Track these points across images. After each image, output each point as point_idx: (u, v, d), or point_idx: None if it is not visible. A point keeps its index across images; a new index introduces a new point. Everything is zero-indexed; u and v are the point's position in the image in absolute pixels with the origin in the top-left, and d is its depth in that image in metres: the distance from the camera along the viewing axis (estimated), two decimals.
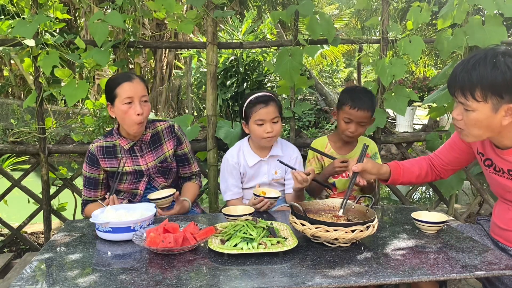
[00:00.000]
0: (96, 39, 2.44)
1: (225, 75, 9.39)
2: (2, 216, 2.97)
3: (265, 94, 2.09)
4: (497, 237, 1.69)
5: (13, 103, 10.31)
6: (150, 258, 1.38)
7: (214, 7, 2.65)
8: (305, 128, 10.28)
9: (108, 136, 2.07)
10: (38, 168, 2.84)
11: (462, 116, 1.47)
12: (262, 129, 2.03)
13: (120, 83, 1.93)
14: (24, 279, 1.23)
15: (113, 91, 1.95)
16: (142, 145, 2.07)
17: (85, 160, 2.06)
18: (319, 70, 17.00)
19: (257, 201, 1.89)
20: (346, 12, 16.92)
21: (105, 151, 2.03)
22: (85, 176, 2.07)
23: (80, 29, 10.93)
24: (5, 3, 2.69)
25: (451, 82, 1.47)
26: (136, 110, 1.91)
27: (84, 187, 2.09)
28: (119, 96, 1.93)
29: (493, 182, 1.68)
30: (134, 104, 1.92)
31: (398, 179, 1.82)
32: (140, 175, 2.06)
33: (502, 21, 2.61)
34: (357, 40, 2.92)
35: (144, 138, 2.06)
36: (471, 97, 1.41)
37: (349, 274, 1.24)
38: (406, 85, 15.18)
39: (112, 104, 1.97)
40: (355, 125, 2.10)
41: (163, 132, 2.12)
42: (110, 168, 2.03)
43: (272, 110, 2.03)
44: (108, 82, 2.01)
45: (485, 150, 1.65)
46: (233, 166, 2.12)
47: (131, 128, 1.96)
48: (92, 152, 2.03)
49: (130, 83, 1.94)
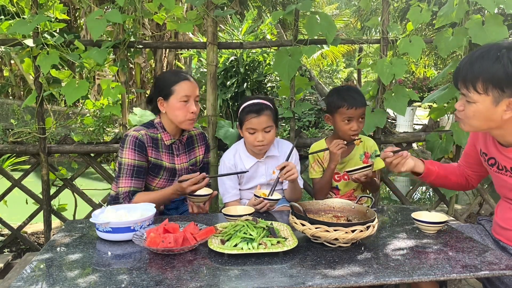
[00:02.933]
0: (93, 34, 2.44)
1: (225, 75, 9.39)
2: (2, 216, 2.97)
3: (259, 102, 2.06)
4: (499, 236, 1.69)
5: (13, 103, 10.31)
6: (150, 258, 1.38)
7: (214, 7, 2.65)
8: (305, 128, 10.28)
9: (150, 128, 2.05)
10: (38, 168, 2.84)
11: (464, 107, 1.50)
12: (253, 138, 2.03)
13: (178, 81, 1.99)
14: (24, 279, 1.23)
15: (169, 87, 1.99)
16: (180, 145, 2.12)
17: (130, 147, 1.94)
18: (319, 70, 17.00)
19: (257, 202, 1.89)
20: (346, 12, 16.92)
21: (152, 141, 2.02)
22: (132, 165, 1.94)
23: (80, 29, 10.94)
24: (5, 3, 2.69)
25: (456, 74, 1.51)
26: (191, 108, 1.99)
27: (131, 177, 1.94)
28: (177, 93, 1.98)
29: (497, 181, 1.69)
30: (190, 103, 2.00)
31: (432, 173, 1.82)
32: (173, 174, 2.09)
33: (502, 20, 2.61)
34: (357, 40, 2.92)
35: (182, 138, 2.12)
36: (472, 89, 1.44)
37: (349, 274, 1.24)
38: (406, 85, 15.18)
39: (165, 99, 2.00)
40: (356, 122, 2.13)
41: (196, 137, 2.22)
42: (154, 158, 2.02)
43: (265, 120, 2.02)
44: (164, 78, 2.06)
45: (488, 149, 1.66)
46: (230, 169, 2.12)
47: (182, 124, 2.01)
48: (141, 139, 1.96)
49: (189, 82, 2.01)
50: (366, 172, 2.01)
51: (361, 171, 2.01)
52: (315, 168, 2.27)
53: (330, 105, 2.18)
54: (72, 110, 3.90)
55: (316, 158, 2.28)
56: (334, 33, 2.65)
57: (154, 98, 2.06)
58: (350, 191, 2.28)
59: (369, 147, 2.29)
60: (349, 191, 2.28)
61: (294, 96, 2.84)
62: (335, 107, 2.14)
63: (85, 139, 2.88)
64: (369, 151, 2.28)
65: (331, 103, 2.16)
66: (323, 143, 2.30)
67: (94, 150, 2.83)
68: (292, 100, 2.84)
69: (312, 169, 2.28)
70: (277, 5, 12.75)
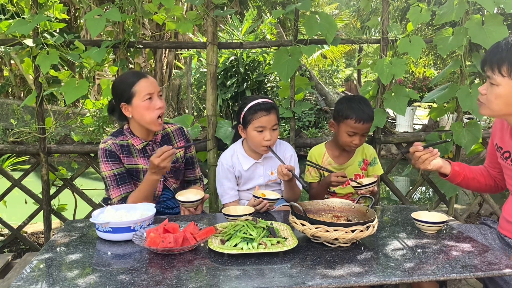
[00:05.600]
0: (91, 31, 2.43)
1: (225, 75, 9.39)
2: (2, 216, 2.97)
3: (267, 101, 2.06)
4: (504, 232, 1.71)
5: (13, 103, 10.30)
6: (150, 258, 1.38)
7: (214, 7, 2.65)
8: (305, 128, 10.28)
9: (119, 136, 2.04)
10: (38, 168, 2.84)
11: (487, 91, 1.55)
12: (262, 136, 2.01)
13: (136, 81, 1.95)
14: (24, 279, 1.23)
15: (129, 90, 1.95)
16: (154, 145, 2.08)
17: (103, 159, 1.96)
18: (319, 70, 17.00)
19: (256, 203, 1.89)
20: (346, 12, 16.92)
21: (121, 148, 2.01)
22: (112, 175, 1.96)
23: (80, 29, 10.93)
24: (5, 3, 2.69)
25: (484, 58, 1.56)
26: (157, 104, 1.96)
27: (119, 186, 1.96)
28: (139, 94, 1.94)
29: (510, 175, 1.69)
30: (154, 99, 1.96)
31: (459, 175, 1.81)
32: None
33: (502, 20, 2.61)
34: (357, 40, 2.92)
35: (156, 138, 2.09)
36: (497, 71, 1.50)
37: (349, 274, 1.24)
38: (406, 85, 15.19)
39: (128, 103, 1.96)
40: (359, 137, 2.10)
41: (173, 134, 2.16)
42: (128, 165, 2.00)
43: (273, 118, 2.03)
44: (119, 83, 2.00)
45: (504, 143, 1.68)
46: (228, 170, 2.11)
47: (152, 124, 1.97)
48: (109, 149, 1.97)
49: (147, 79, 1.97)
50: (371, 188, 2.01)
51: (367, 188, 1.99)
52: (311, 173, 2.26)
53: (337, 112, 2.13)
54: (72, 110, 3.90)
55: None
56: (334, 33, 2.65)
57: (116, 105, 2.02)
58: (347, 194, 2.27)
59: (368, 155, 2.28)
60: (346, 194, 2.27)
61: (294, 96, 2.84)
62: (342, 116, 2.10)
63: (85, 139, 2.89)
64: (368, 159, 2.28)
65: (339, 111, 2.12)
66: (322, 147, 2.29)
67: (94, 150, 2.83)
68: (292, 100, 2.84)
69: (308, 173, 2.27)
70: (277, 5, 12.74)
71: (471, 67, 2.79)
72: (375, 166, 2.29)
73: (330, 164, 2.24)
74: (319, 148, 2.29)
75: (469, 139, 2.75)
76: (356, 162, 2.25)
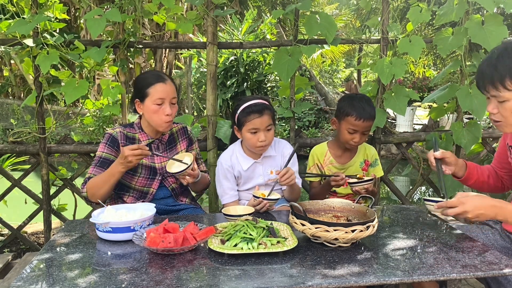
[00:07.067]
0: (92, 32, 2.44)
1: (225, 75, 9.40)
2: (2, 216, 2.97)
3: (260, 102, 2.05)
4: (508, 227, 1.72)
5: (13, 103, 10.31)
6: (150, 258, 1.38)
7: (214, 7, 2.65)
8: (305, 128, 10.28)
9: (128, 127, 2.10)
10: (38, 168, 2.84)
11: (498, 108, 1.52)
12: (256, 138, 2.01)
13: (153, 83, 1.98)
14: (24, 279, 1.23)
15: (144, 90, 1.98)
16: (159, 144, 2.12)
17: (103, 142, 2.03)
18: (319, 70, 16.99)
19: (256, 203, 1.89)
20: (346, 12, 16.92)
21: (127, 138, 2.05)
22: (99, 157, 2.00)
23: (80, 29, 10.94)
24: (5, 3, 2.69)
25: (480, 79, 1.52)
26: (166, 111, 1.98)
27: (95, 166, 1.98)
28: (151, 96, 1.97)
29: None
30: (165, 105, 1.98)
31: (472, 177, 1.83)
32: (154, 173, 2.08)
33: (502, 20, 2.61)
34: (357, 40, 2.92)
35: (162, 138, 2.12)
36: (502, 88, 1.46)
37: (349, 274, 1.24)
38: (406, 85, 15.19)
39: (141, 101, 2.01)
40: (360, 135, 2.11)
41: (177, 134, 2.20)
42: None
43: (266, 119, 2.02)
44: (140, 80, 2.05)
45: None
46: (227, 170, 2.11)
47: (159, 127, 2.02)
48: (114, 135, 2.03)
49: (164, 85, 1.99)
50: (367, 186, 2.01)
51: (362, 184, 2.00)
52: (313, 172, 2.26)
53: (339, 110, 2.16)
54: (72, 110, 3.90)
55: (316, 162, 2.27)
56: (334, 33, 2.65)
57: (133, 99, 2.07)
58: (348, 194, 2.27)
59: (370, 156, 2.28)
60: (346, 194, 2.27)
61: (294, 96, 2.84)
62: (343, 113, 2.12)
63: (85, 139, 2.88)
64: (369, 160, 2.28)
65: (341, 109, 2.15)
66: (324, 146, 2.29)
67: (94, 150, 2.82)
68: (292, 100, 2.84)
69: (310, 171, 2.27)
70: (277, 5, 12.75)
71: (471, 67, 2.79)
72: (376, 167, 2.29)
73: (331, 164, 2.24)
74: (321, 147, 2.29)
75: (469, 139, 2.75)
76: (358, 162, 2.25)
